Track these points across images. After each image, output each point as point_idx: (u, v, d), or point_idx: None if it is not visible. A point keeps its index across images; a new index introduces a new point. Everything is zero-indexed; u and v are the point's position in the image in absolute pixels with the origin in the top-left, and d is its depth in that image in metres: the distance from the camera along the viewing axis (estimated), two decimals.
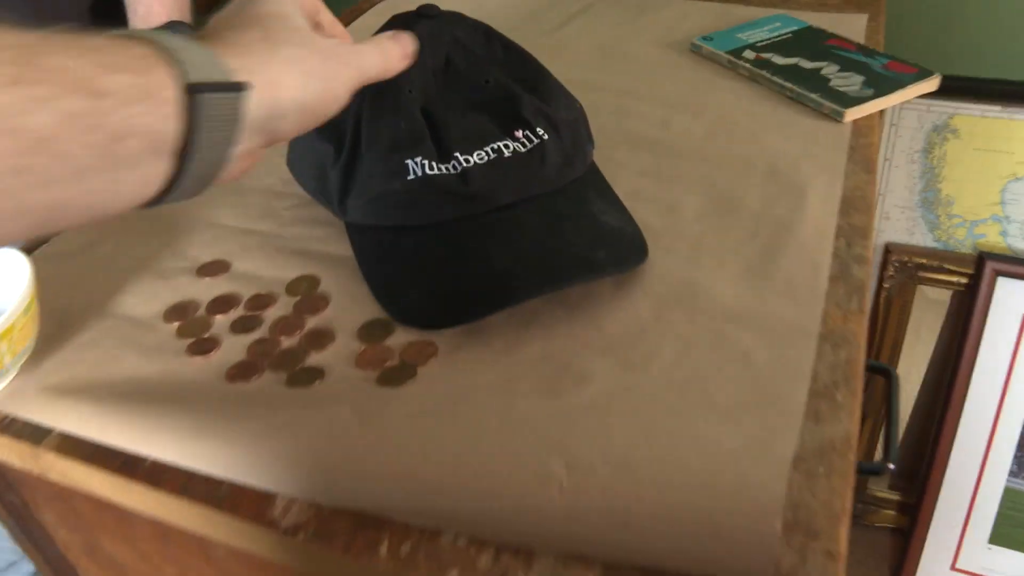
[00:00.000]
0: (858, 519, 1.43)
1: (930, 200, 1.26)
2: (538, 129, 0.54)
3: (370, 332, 0.50)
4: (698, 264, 0.53)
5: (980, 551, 1.27)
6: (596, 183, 0.57)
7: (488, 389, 0.45)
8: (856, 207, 0.58)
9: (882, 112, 0.70)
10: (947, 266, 1.26)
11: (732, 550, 0.36)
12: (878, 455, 1.39)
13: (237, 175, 0.39)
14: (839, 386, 0.44)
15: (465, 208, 0.51)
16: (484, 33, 0.58)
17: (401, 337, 0.49)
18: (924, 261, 1.26)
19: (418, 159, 0.51)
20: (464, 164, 0.51)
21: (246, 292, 0.54)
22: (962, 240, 1.27)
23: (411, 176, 0.51)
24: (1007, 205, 1.22)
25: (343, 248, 0.57)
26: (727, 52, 0.79)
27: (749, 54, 0.78)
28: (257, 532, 0.41)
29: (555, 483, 0.39)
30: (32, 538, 0.59)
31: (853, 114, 0.68)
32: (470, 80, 0.56)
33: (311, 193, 0.60)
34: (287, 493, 0.41)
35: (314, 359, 0.48)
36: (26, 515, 0.58)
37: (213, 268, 0.56)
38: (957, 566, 1.28)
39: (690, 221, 0.57)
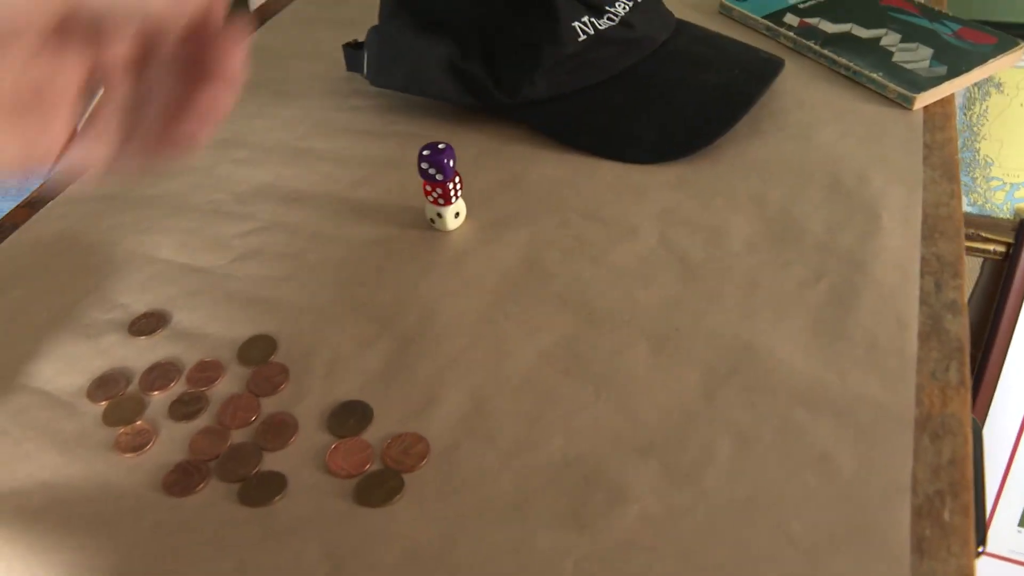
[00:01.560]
0: None
1: (966, 161, 1.15)
2: None
3: (342, 421, 0.39)
4: (754, 316, 0.42)
5: (1010, 534, 1.20)
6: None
7: (496, 512, 0.35)
8: (942, 230, 0.47)
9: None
10: (983, 233, 1.15)
11: None
12: None
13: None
14: (946, 499, 0.34)
15: (637, 53, 0.56)
16: None
17: (381, 427, 0.39)
18: None
19: (584, 19, 0.54)
20: (621, 13, 0.55)
21: (188, 358, 0.43)
22: (1000, 204, 1.16)
23: (582, 38, 0.54)
24: None
25: (304, 293, 0.46)
26: (764, 16, 0.66)
27: (791, 19, 0.66)
28: None
29: None
30: None
31: (924, 99, 0.56)
32: None
33: (436, 94, 0.57)
34: None
35: (273, 460, 0.38)
36: None
37: (149, 323, 0.46)
38: (985, 549, 1.22)
39: (740, 252, 0.46)
